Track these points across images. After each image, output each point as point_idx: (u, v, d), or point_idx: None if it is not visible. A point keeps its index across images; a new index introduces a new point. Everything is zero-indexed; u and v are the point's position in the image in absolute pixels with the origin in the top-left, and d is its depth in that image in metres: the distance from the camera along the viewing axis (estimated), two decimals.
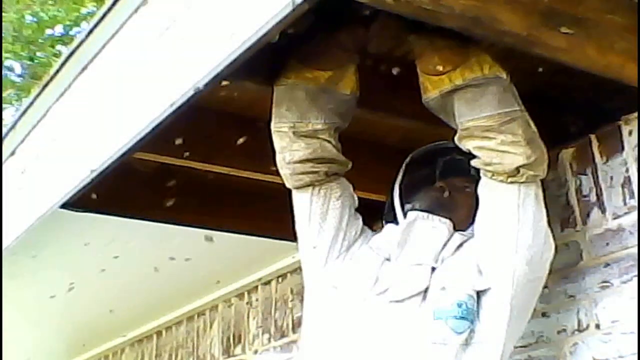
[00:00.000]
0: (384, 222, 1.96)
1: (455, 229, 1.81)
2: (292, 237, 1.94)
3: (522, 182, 1.68)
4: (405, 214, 1.86)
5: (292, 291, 3.01)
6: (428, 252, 1.76)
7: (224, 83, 1.73)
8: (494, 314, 1.70)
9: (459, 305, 1.65)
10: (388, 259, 1.81)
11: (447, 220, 1.81)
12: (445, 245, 1.78)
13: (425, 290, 1.71)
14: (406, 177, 1.95)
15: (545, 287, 2.01)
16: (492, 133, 1.63)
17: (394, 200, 1.92)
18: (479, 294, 1.70)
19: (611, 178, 1.96)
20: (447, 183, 1.89)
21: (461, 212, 1.84)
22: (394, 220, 1.89)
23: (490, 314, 1.70)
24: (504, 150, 1.64)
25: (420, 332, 1.66)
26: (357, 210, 1.91)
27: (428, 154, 1.97)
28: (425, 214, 1.81)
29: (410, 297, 1.70)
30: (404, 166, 1.98)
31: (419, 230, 1.80)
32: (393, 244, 1.81)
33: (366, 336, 1.70)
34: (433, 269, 1.74)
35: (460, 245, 1.79)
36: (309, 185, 1.81)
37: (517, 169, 1.65)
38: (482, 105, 1.63)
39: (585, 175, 2.02)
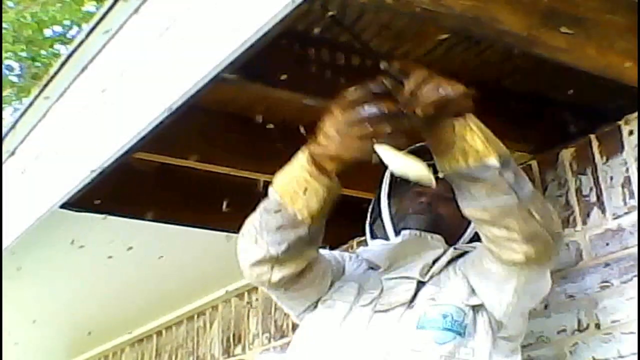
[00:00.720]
0: (370, 233, 1.91)
1: (448, 243, 1.78)
2: None
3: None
4: (396, 231, 1.81)
5: None
6: (417, 266, 1.72)
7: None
8: (485, 337, 1.63)
9: (444, 317, 1.59)
10: (375, 269, 1.78)
11: (440, 237, 1.77)
12: (435, 261, 1.73)
13: (411, 301, 1.65)
14: (393, 187, 1.88)
15: None
16: (485, 225, 1.50)
17: (381, 213, 1.87)
18: (475, 311, 1.63)
19: (611, 178, 1.96)
20: (432, 196, 1.79)
21: (451, 224, 1.79)
22: (384, 235, 1.85)
23: (482, 336, 1.63)
24: (500, 244, 1.50)
25: (402, 340, 1.60)
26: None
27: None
28: (418, 232, 1.77)
29: (394, 307, 1.66)
30: (388, 175, 1.89)
31: (412, 246, 1.77)
32: (384, 258, 1.77)
33: (349, 344, 1.65)
34: (420, 282, 1.69)
35: (455, 259, 1.74)
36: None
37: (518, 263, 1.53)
38: (472, 196, 1.48)
39: (585, 175, 2.01)
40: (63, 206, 2.21)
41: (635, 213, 1.87)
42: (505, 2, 1.45)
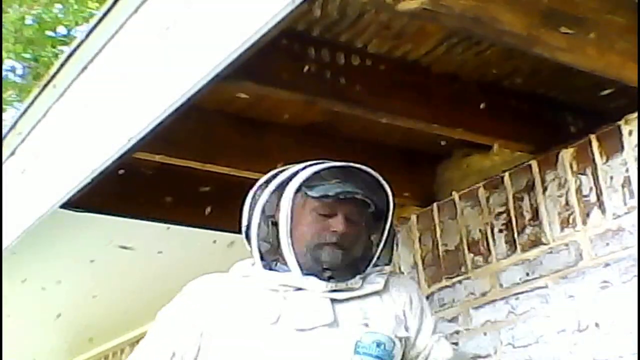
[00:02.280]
0: (262, 257, 1.75)
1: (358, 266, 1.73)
2: None
3: None
4: (301, 268, 1.69)
5: None
6: (326, 286, 1.68)
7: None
8: None
9: (378, 345, 1.64)
10: (275, 290, 1.71)
11: (353, 280, 1.71)
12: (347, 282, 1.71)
13: (334, 321, 1.66)
14: (295, 215, 1.72)
15: (545, 287, 2.02)
16: None
17: (282, 247, 1.72)
18: (401, 342, 1.70)
19: (611, 178, 1.95)
20: (346, 223, 1.70)
21: (361, 247, 1.74)
22: (282, 263, 1.73)
23: None
24: None
25: None
26: None
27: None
28: (327, 285, 1.68)
29: (317, 327, 1.65)
30: (290, 198, 1.72)
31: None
32: (289, 284, 1.70)
33: None
34: (333, 300, 1.68)
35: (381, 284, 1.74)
36: None
37: None
38: None
39: (585, 175, 2.01)
40: (63, 206, 2.21)
41: (635, 213, 1.87)
42: (505, 2, 1.45)
